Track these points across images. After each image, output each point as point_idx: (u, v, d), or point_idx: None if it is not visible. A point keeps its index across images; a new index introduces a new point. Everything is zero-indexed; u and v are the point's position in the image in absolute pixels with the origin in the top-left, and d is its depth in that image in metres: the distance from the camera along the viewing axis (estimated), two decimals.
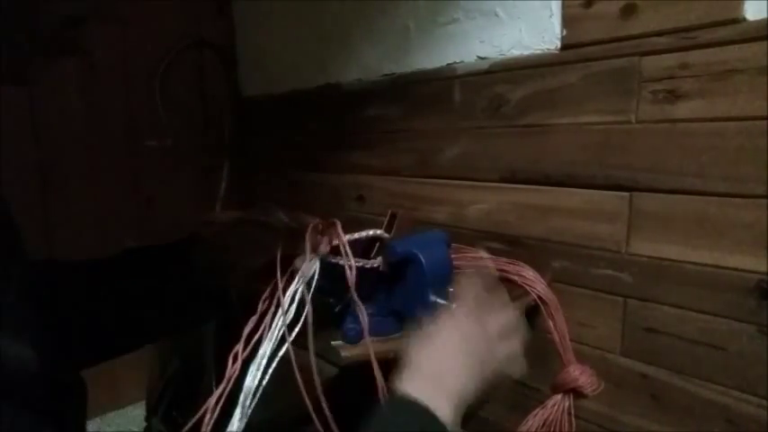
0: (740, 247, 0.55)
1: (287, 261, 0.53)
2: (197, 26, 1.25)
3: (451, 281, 0.56)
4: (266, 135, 1.29)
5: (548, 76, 0.69)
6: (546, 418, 0.70)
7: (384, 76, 0.93)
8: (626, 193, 0.63)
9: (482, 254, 0.74)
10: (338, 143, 1.05)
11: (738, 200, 0.55)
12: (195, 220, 0.64)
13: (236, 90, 1.33)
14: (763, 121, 0.52)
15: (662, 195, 0.60)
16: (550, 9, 0.68)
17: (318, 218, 0.58)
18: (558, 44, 0.68)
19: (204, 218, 0.66)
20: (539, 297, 0.68)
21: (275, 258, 0.54)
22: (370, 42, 0.95)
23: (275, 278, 0.53)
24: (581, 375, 0.67)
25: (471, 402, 0.45)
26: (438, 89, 0.83)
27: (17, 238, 0.44)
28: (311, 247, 0.54)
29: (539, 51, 0.70)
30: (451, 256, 0.61)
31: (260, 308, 0.52)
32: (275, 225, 0.59)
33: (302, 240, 0.57)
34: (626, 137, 0.63)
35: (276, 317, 0.50)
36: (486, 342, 0.48)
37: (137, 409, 1.23)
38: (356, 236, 0.54)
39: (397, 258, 0.57)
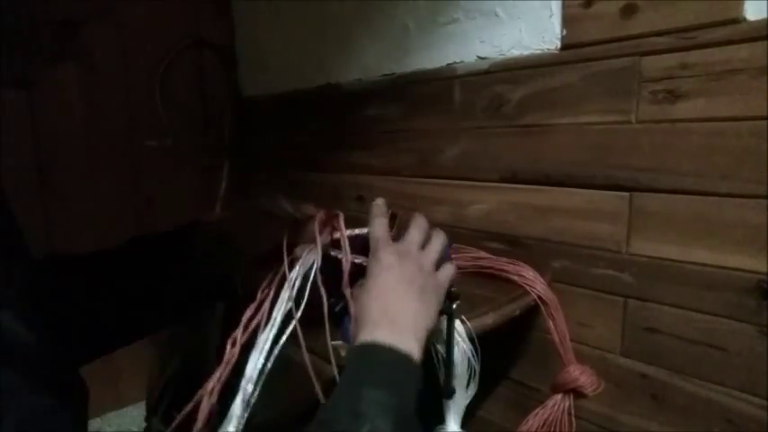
0: (740, 247, 0.55)
1: (289, 250, 0.53)
2: (197, 26, 1.26)
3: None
4: (266, 135, 1.29)
5: (548, 76, 0.69)
6: (546, 418, 0.70)
7: (384, 76, 0.93)
8: (626, 193, 0.63)
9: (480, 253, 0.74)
10: (338, 143, 1.05)
11: (738, 200, 0.55)
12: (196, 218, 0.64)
13: (236, 90, 1.33)
14: (763, 121, 0.52)
15: (662, 195, 0.60)
16: (550, 9, 0.68)
17: (322, 209, 0.58)
18: (558, 44, 0.68)
19: (205, 217, 0.65)
20: (539, 297, 0.68)
21: (277, 246, 0.54)
22: (369, 42, 0.95)
23: (276, 266, 0.53)
24: (581, 375, 0.67)
25: (428, 335, 0.46)
26: (438, 89, 0.83)
27: (18, 237, 0.44)
28: (313, 238, 0.54)
29: (539, 51, 0.70)
30: (452, 256, 0.61)
31: (259, 296, 0.52)
32: (279, 214, 0.59)
33: (304, 230, 0.57)
34: (626, 137, 0.63)
35: (278, 302, 0.50)
36: (426, 276, 0.49)
37: (137, 409, 1.23)
38: (357, 231, 0.54)
39: None
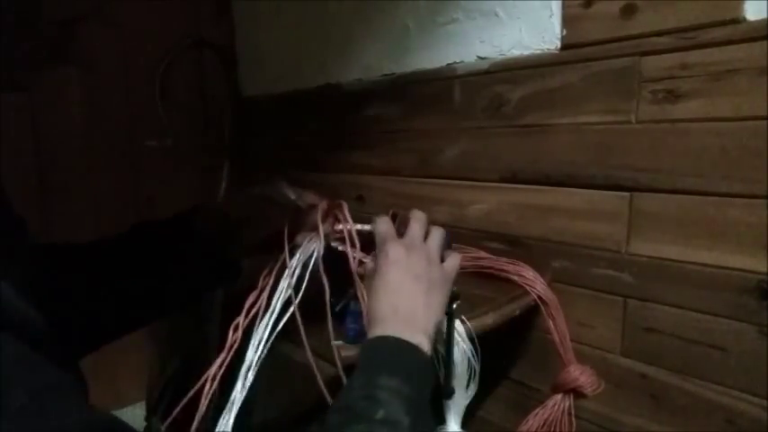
0: (740, 247, 0.55)
1: (290, 238, 0.53)
2: (197, 26, 1.25)
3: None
4: (266, 135, 1.29)
5: (548, 76, 0.69)
6: (546, 418, 0.70)
7: (384, 76, 0.93)
8: (626, 193, 0.63)
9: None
10: (338, 143, 1.05)
11: (738, 200, 0.55)
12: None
13: (236, 90, 1.32)
14: (763, 121, 0.52)
15: (662, 195, 0.60)
16: (550, 9, 0.68)
17: (325, 198, 0.58)
18: (558, 44, 0.68)
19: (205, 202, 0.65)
20: (539, 297, 0.68)
21: (278, 233, 0.53)
22: (370, 42, 0.95)
23: (277, 253, 0.53)
24: (581, 375, 0.67)
25: (436, 328, 0.47)
26: (438, 89, 0.83)
27: (15, 223, 0.44)
28: (315, 226, 0.54)
29: (539, 51, 0.70)
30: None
31: (260, 283, 0.52)
32: (281, 201, 0.59)
33: (306, 218, 0.57)
34: (626, 137, 0.63)
35: (277, 290, 0.50)
36: (433, 268, 0.49)
37: (137, 409, 1.23)
38: (358, 227, 0.54)
39: None
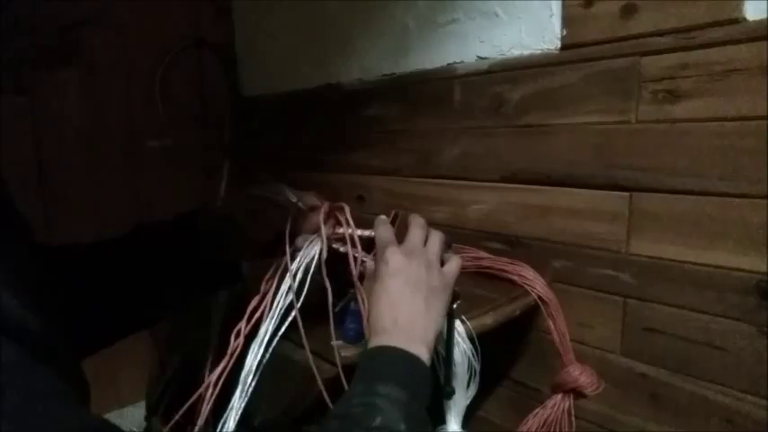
0: (740, 247, 0.55)
1: (291, 240, 0.53)
2: (197, 26, 1.25)
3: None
4: (266, 135, 1.29)
5: (548, 76, 0.69)
6: (546, 418, 0.70)
7: (384, 76, 0.93)
8: (626, 193, 0.63)
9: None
10: (338, 143, 1.05)
11: (738, 200, 0.55)
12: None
13: (236, 90, 1.32)
14: (763, 121, 0.52)
15: (662, 195, 0.60)
16: (550, 9, 0.68)
17: (326, 200, 0.58)
18: (558, 44, 0.68)
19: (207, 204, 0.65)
20: (539, 297, 0.68)
21: (279, 235, 0.53)
22: (370, 42, 0.95)
23: (279, 255, 0.52)
24: (581, 375, 0.67)
25: (436, 336, 0.47)
26: (438, 89, 0.83)
27: (14, 222, 0.44)
28: (316, 228, 0.54)
29: (539, 51, 0.70)
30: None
31: (263, 287, 0.51)
32: (281, 203, 0.59)
33: (307, 220, 0.57)
34: (626, 137, 0.63)
35: (278, 294, 0.49)
36: (434, 275, 0.48)
37: (137, 409, 1.23)
38: (359, 232, 0.54)
39: None
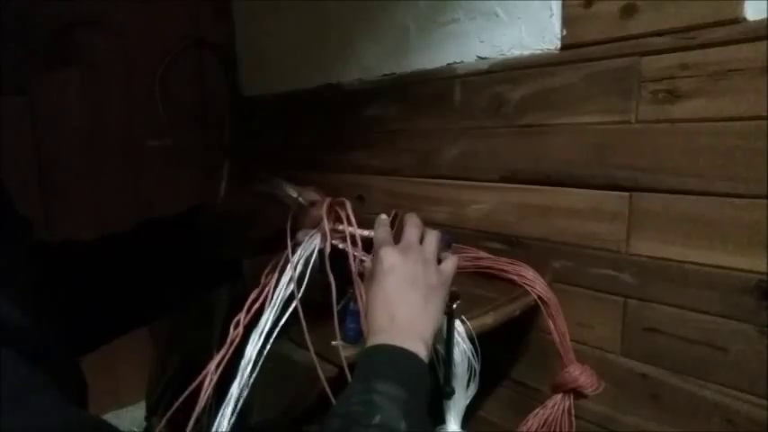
0: (740, 247, 0.55)
1: (291, 235, 0.53)
2: (197, 26, 1.25)
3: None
4: (266, 135, 1.29)
5: (548, 76, 0.69)
6: (546, 418, 0.70)
7: (384, 76, 0.93)
8: (626, 193, 0.63)
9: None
10: (338, 143, 1.05)
11: (738, 200, 0.55)
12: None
13: (236, 90, 1.32)
14: (763, 121, 0.52)
15: (662, 195, 0.60)
16: (550, 9, 0.68)
17: (328, 195, 0.58)
18: (558, 44, 0.68)
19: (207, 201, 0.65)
20: (539, 297, 0.67)
21: (279, 231, 0.53)
22: (370, 42, 0.95)
23: (280, 250, 0.53)
24: (581, 375, 0.67)
25: (434, 332, 0.47)
26: (438, 89, 0.83)
27: (20, 227, 0.44)
28: (317, 223, 0.54)
29: (539, 51, 0.70)
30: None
31: (263, 280, 0.52)
32: (282, 198, 0.59)
33: (307, 215, 0.57)
34: (626, 137, 0.63)
35: (279, 285, 0.50)
36: (430, 272, 0.48)
37: (137, 409, 1.23)
38: (358, 232, 0.54)
39: None
